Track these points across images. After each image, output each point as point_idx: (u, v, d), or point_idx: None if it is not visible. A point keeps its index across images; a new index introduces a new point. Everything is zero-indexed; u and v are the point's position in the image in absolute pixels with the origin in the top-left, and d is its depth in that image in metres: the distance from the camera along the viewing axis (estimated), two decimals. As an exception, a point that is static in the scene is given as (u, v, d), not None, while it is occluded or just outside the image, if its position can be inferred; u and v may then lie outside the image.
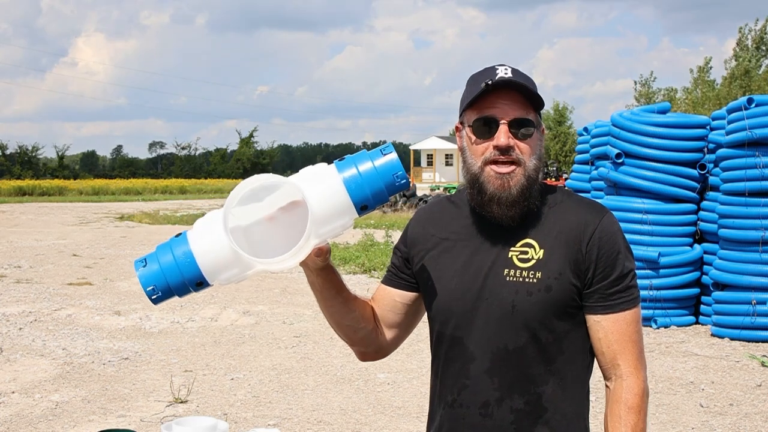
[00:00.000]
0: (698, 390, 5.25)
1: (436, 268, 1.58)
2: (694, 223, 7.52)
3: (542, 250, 1.49)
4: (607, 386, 1.54)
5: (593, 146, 8.38)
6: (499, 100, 1.47)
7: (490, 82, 1.45)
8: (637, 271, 1.60)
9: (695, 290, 7.42)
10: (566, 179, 18.01)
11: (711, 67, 33.81)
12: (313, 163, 1.47)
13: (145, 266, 1.36)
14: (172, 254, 1.33)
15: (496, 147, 1.46)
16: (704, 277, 7.33)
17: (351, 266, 11.50)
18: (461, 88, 1.59)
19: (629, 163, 7.49)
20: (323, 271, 1.52)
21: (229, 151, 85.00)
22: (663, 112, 7.78)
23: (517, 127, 1.47)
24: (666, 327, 7.27)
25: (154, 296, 1.37)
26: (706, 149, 7.48)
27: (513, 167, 1.47)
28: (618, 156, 7.50)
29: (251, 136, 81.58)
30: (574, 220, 1.50)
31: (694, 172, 7.41)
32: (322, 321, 7.60)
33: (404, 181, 1.39)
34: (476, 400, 1.50)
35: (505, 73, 1.47)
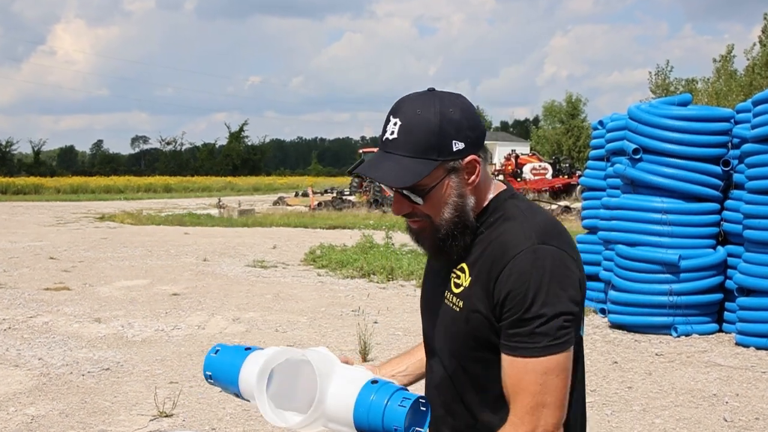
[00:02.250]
0: (722, 403, 5.25)
1: (425, 275, 1.75)
2: (718, 224, 7.51)
3: (470, 278, 1.51)
4: None
5: (609, 141, 8.38)
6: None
7: (358, 162, 1.54)
8: (655, 275, 1.58)
9: (718, 296, 7.41)
10: (580, 176, 18.01)
11: (734, 56, 33.84)
12: (308, 159, 1.54)
13: (215, 354, 1.70)
14: (231, 361, 1.67)
15: None
16: (728, 281, 7.33)
17: (349, 270, 11.52)
18: (468, 78, 1.66)
19: (648, 159, 7.49)
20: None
21: (217, 146, 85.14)
22: (684, 104, 7.78)
23: (404, 196, 1.51)
24: (687, 335, 7.27)
25: (209, 380, 1.72)
26: (730, 144, 7.48)
27: (420, 224, 1.53)
28: (635, 151, 7.50)
29: (241, 130, 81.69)
30: (496, 249, 1.48)
31: (718, 168, 7.41)
32: (317, 329, 7.61)
33: None
34: (433, 413, 1.60)
35: (391, 134, 1.48)
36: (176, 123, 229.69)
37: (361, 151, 33.11)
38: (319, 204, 27.14)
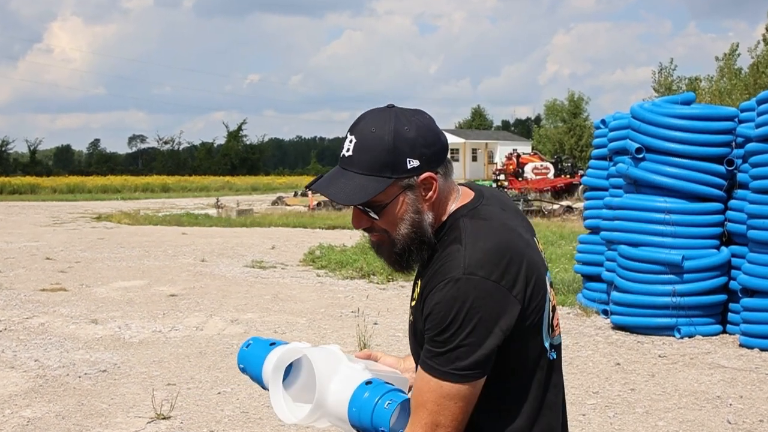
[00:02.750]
0: (725, 405, 5.25)
1: None
2: (721, 224, 7.51)
3: (419, 294, 1.58)
4: None
5: (611, 140, 8.38)
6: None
7: (302, 191, 1.57)
8: (658, 276, 1.59)
9: (722, 297, 7.41)
10: (582, 176, 18.01)
11: (738, 54, 33.82)
12: (307, 158, 1.56)
13: (247, 348, 1.82)
14: (257, 354, 1.78)
15: None
16: (732, 282, 7.33)
17: (348, 270, 11.52)
18: (469, 77, 1.66)
19: (651, 159, 7.49)
20: None
21: (215, 145, 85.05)
22: (687, 103, 7.78)
23: (362, 212, 1.56)
24: (690, 336, 7.27)
25: (243, 372, 1.84)
26: (734, 143, 7.48)
27: (378, 236, 1.58)
28: (638, 151, 7.50)
29: (240, 129, 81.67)
30: (435, 271, 1.52)
31: (722, 168, 7.41)
32: (316, 330, 7.61)
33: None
34: None
35: (347, 151, 1.53)
36: (174, 122, 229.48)
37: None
38: (319, 204, 27.14)
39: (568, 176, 33.00)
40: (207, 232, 19.00)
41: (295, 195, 34.69)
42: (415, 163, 1.51)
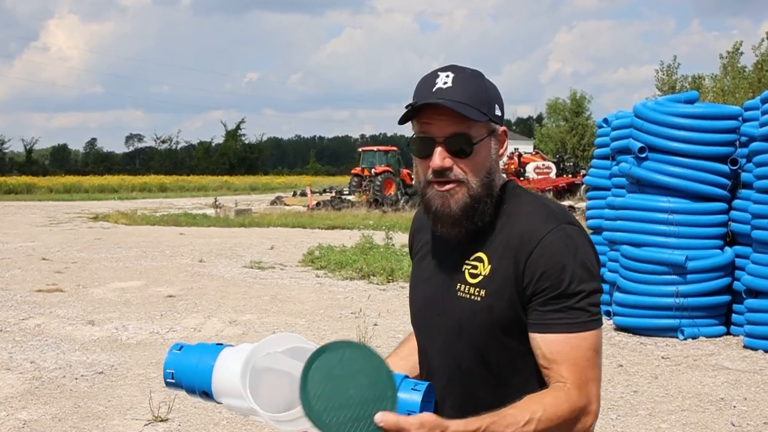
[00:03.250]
0: (729, 407, 5.25)
1: (414, 274, 1.74)
2: (725, 224, 7.52)
3: (489, 266, 1.54)
4: None
5: (614, 139, 8.38)
6: (435, 114, 1.50)
7: (410, 107, 1.50)
8: (662, 277, 1.60)
9: (726, 297, 7.42)
10: (584, 175, 18.01)
11: (741, 53, 33.82)
12: (306, 157, 1.51)
13: (179, 351, 1.60)
14: (199, 358, 1.56)
15: (432, 169, 1.52)
16: (736, 283, 7.33)
17: (348, 271, 11.52)
18: None
19: (654, 158, 7.49)
20: None
21: (213, 144, 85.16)
22: (691, 101, 7.78)
23: (455, 144, 1.51)
24: (694, 338, 7.27)
25: (168, 380, 1.61)
26: (738, 142, 7.48)
27: (453, 185, 1.52)
28: (641, 150, 7.50)
29: (238, 128, 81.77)
30: (520, 231, 1.52)
31: (725, 167, 7.42)
32: (315, 331, 7.61)
33: None
34: (443, 414, 1.55)
35: (444, 84, 1.50)
36: (172, 121, 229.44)
37: (360, 149, 33.10)
38: (318, 204, 27.14)
39: (570, 176, 33.01)
40: (205, 233, 18.99)
41: (294, 195, 34.70)
42: (499, 112, 1.55)
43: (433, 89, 1.50)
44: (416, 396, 1.43)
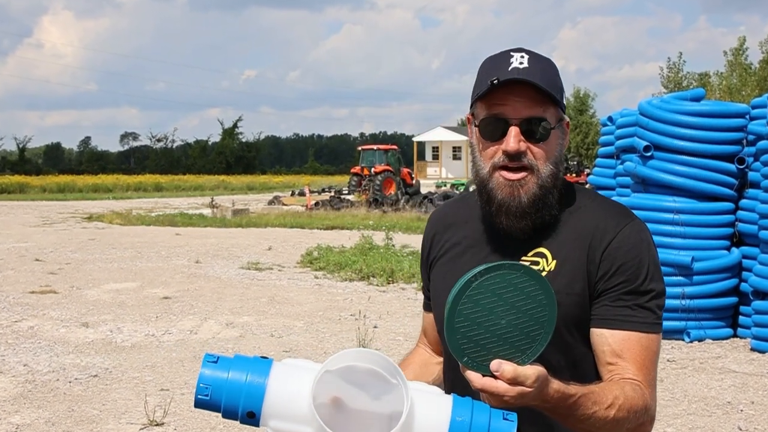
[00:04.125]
0: (736, 411, 5.25)
1: (444, 277, 1.59)
2: (732, 224, 7.52)
3: (555, 261, 1.50)
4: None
5: (619, 138, 8.38)
6: (511, 95, 1.45)
7: (496, 81, 1.42)
8: (667, 278, 1.58)
9: (733, 299, 7.42)
10: (588, 175, 17.99)
11: (747, 48, 33.86)
12: (304, 156, 1.46)
13: (215, 364, 1.39)
14: (247, 374, 1.35)
15: (505, 152, 1.46)
16: (743, 284, 7.33)
17: (347, 272, 11.52)
18: (472, 73, 1.59)
19: (659, 157, 7.49)
20: None
21: (210, 143, 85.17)
22: (697, 99, 7.78)
23: (530, 127, 1.46)
24: (700, 340, 7.27)
25: (202, 396, 1.40)
26: (745, 141, 7.48)
27: (524, 174, 1.47)
28: (646, 149, 7.50)
29: (235, 126, 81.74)
30: (593, 226, 1.49)
31: (732, 166, 7.41)
32: (314, 333, 7.61)
33: None
34: None
35: (520, 63, 1.44)
36: (167, 119, 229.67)
37: (360, 148, 33.11)
38: (317, 203, 27.14)
39: (573, 175, 33.01)
40: (201, 233, 18.99)
41: (293, 194, 34.71)
42: (564, 102, 1.52)
43: (509, 68, 1.44)
44: (511, 427, 1.28)
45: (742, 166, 7.40)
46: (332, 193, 30.96)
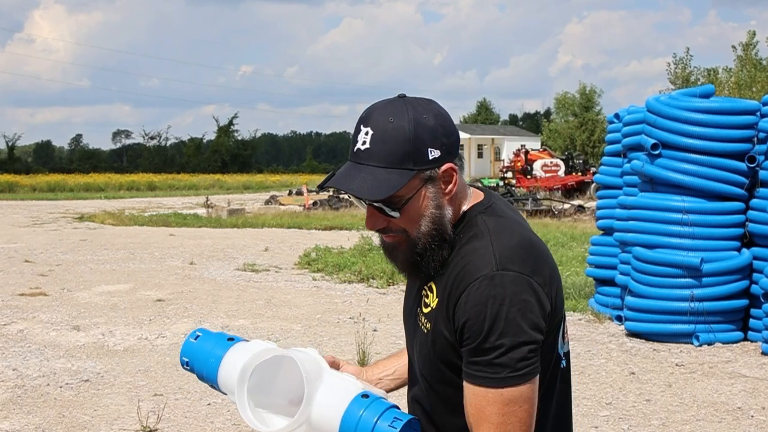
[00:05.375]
0: (747, 417, 5.25)
1: (406, 290, 1.77)
2: (743, 224, 7.52)
3: (437, 299, 1.54)
4: None
5: (626, 135, 8.38)
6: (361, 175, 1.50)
7: (326, 182, 1.53)
8: (676, 280, 1.58)
9: (743, 301, 7.42)
10: (594, 173, 17.99)
11: (757, 43, 33.85)
12: (302, 155, 1.54)
13: (195, 340, 1.71)
14: (211, 350, 1.67)
15: None
16: (754, 286, 7.33)
17: (346, 274, 11.52)
18: (476, 68, 1.65)
19: (667, 155, 7.49)
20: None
21: (205, 141, 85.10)
22: (706, 95, 7.78)
23: (379, 210, 1.52)
24: (709, 344, 7.27)
25: (184, 366, 1.72)
26: (756, 139, 7.48)
27: (395, 236, 1.54)
28: (654, 147, 7.50)
29: (231, 123, 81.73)
30: (458, 271, 1.50)
31: (743, 165, 7.41)
32: (312, 337, 7.61)
33: None
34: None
35: (363, 144, 1.49)
36: (161, 116, 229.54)
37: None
38: (315, 203, 27.15)
39: (579, 174, 33.04)
40: (196, 233, 19.00)
41: (290, 194, 34.74)
42: (436, 153, 1.50)
43: (354, 149, 1.51)
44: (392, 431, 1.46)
45: (752, 165, 7.40)
46: (331, 193, 30.97)
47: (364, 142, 1.49)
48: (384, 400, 1.51)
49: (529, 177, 32.33)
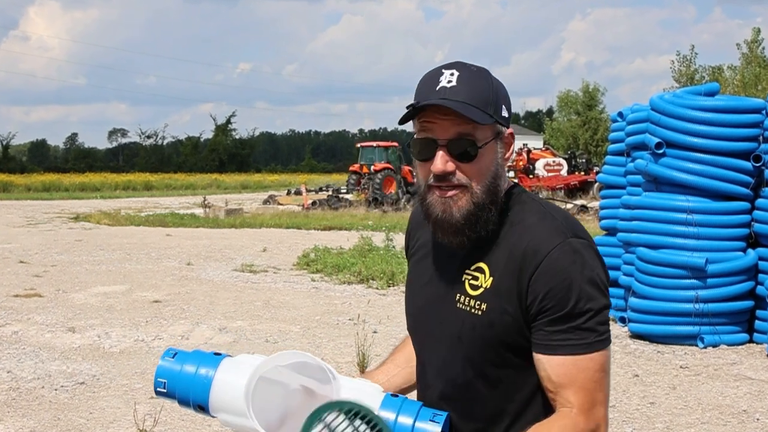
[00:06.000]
0: (752, 420, 5.25)
1: (411, 276, 1.73)
2: (748, 224, 7.52)
3: (491, 278, 1.53)
4: None
5: (629, 134, 8.38)
6: (437, 114, 1.50)
7: (411, 107, 1.49)
8: (680, 281, 1.60)
9: (749, 303, 7.42)
10: (597, 173, 18.00)
11: (762, 40, 33.81)
12: (301, 154, 1.53)
13: (172, 358, 1.59)
14: (197, 368, 1.56)
15: (433, 173, 1.51)
16: (759, 287, 7.33)
17: (345, 275, 11.52)
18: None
19: (671, 154, 7.50)
20: None
21: (202, 140, 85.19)
22: (711, 94, 7.78)
23: (459, 147, 1.50)
24: (714, 346, 7.27)
25: (159, 389, 1.59)
26: (761, 138, 7.48)
27: (456, 191, 1.52)
28: (658, 146, 7.50)
29: (229, 122, 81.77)
30: (525, 245, 1.51)
31: (748, 164, 7.41)
32: (311, 339, 7.61)
33: None
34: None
35: (449, 83, 1.50)
36: (158, 115, 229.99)
37: (358, 145, 33.10)
38: (314, 203, 27.16)
39: (582, 173, 33.03)
40: (193, 234, 19.00)
41: (288, 193, 34.73)
42: (506, 113, 1.55)
43: (437, 88, 1.49)
44: (436, 428, 1.44)
45: (758, 164, 7.40)
46: (330, 192, 30.97)
47: (449, 81, 1.49)
48: (412, 400, 1.50)
49: (531, 176, 32.30)
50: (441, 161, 1.49)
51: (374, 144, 31.59)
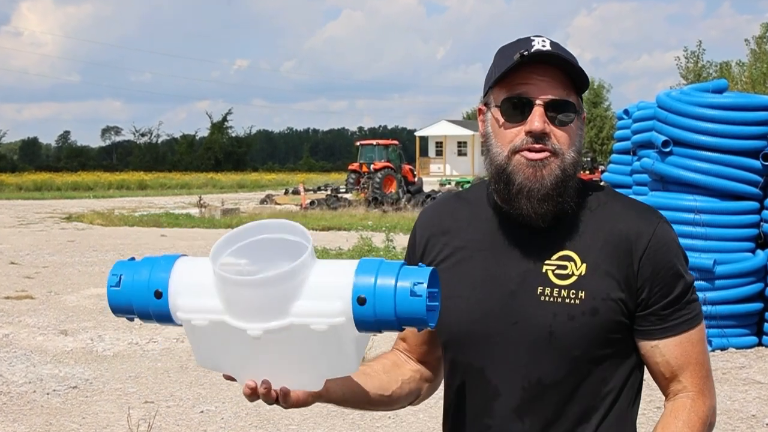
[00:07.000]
0: (761, 425, 5.25)
1: (449, 283, 1.51)
2: (757, 225, 7.52)
3: (584, 265, 1.48)
4: (665, 406, 1.60)
5: (635, 132, 8.39)
6: (535, 75, 1.45)
7: (525, 53, 1.42)
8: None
9: (758, 305, 7.42)
10: (603, 171, 18.01)
11: (771, 34, 33.74)
12: (299, 152, 1.47)
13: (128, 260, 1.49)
14: (157, 259, 1.48)
15: (528, 132, 1.44)
16: (769, 289, 7.34)
17: (344, 276, 11.50)
18: (479, 63, 1.65)
19: (679, 153, 7.49)
20: (327, 398, 1.55)
21: (198, 138, 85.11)
22: (719, 91, 7.78)
23: (555, 110, 1.46)
24: (723, 349, 7.27)
25: (113, 286, 1.46)
26: (771, 136, 7.48)
27: (547, 154, 1.45)
28: (665, 144, 7.50)
29: (225, 119, 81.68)
30: (623, 228, 1.50)
31: (757, 163, 7.41)
32: (309, 342, 7.60)
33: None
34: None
35: (543, 46, 1.45)
36: (152, 112, 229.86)
37: (358, 143, 33.11)
38: (312, 202, 27.15)
39: (587, 172, 33.01)
40: (188, 234, 19.00)
41: (286, 193, 34.70)
42: (585, 93, 1.56)
43: (532, 49, 1.44)
44: (420, 303, 1.23)
45: (767, 163, 7.40)
46: (329, 192, 30.93)
47: (544, 45, 1.46)
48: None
49: (534, 175, 32.30)
50: (539, 119, 1.43)
51: (374, 142, 31.57)
